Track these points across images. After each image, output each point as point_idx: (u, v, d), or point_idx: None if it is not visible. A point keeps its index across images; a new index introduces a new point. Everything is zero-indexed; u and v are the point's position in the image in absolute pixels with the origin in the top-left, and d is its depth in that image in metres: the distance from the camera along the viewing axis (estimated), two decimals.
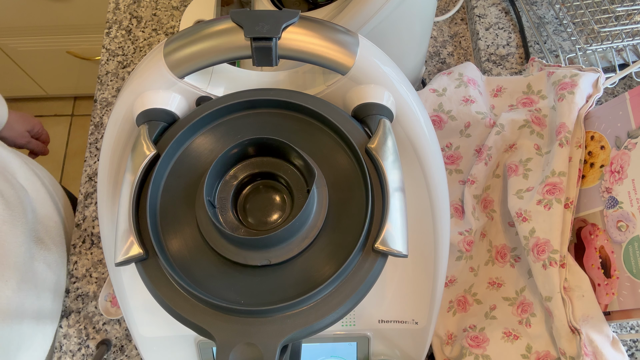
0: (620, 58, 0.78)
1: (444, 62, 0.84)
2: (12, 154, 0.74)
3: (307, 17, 0.40)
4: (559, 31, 0.82)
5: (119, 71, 0.86)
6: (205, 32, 0.40)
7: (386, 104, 0.41)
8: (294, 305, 0.33)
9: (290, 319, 0.34)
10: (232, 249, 0.35)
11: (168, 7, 0.92)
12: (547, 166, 0.60)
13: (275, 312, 0.34)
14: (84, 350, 0.69)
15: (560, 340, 0.55)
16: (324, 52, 0.40)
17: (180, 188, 0.38)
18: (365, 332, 0.52)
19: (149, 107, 0.40)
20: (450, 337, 0.62)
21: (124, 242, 0.35)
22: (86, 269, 0.73)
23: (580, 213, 0.59)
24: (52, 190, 0.79)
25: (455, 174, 0.69)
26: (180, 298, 0.35)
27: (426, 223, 0.47)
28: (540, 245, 0.56)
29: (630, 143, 0.54)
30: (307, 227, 0.36)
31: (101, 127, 0.83)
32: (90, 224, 0.76)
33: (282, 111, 0.41)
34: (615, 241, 0.54)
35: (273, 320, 0.34)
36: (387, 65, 0.43)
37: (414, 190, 0.46)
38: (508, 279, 0.63)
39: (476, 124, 0.66)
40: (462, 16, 0.88)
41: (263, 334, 0.33)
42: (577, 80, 0.62)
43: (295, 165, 0.38)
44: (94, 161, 0.80)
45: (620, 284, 0.52)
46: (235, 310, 0.33)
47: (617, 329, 0.64)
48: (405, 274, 0.51)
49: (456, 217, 0.65)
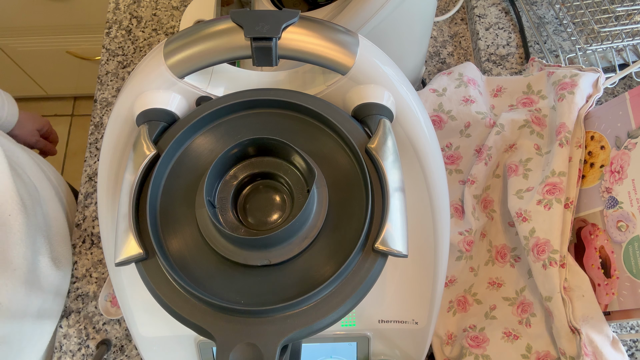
0: (620, 58, 0.78)
1: (444, 62, 0.84)
2: (22, 150, 0.74)
3: (307, 17, 0.40)
4: (559, 31, 0.82)
5: (119, 71, 0.86)
6: (205, 32, 0.40)
7: (386, 104, 0.41)
8: (294, 305, 0.33)
9: (290, 319, 0.34)
10: (232, 249, 0.35)
11: (168, 7, 0.92)
12: (547, 166, 0.60)
13: (276, 312, 0.33)
14: (84, 350, 0.69)
15: (560, 340, 0.55)
16: (324, 52, 0.40)
17: (180, 188, 0.38)
18: (365, 332, 0.52)
19: (149, 107, 0.40)
20: (450, 337, 0.62)
21: (124, 242, 0.35)
22: (86, 269, 0.73)
23: (580, 213, 0.59)
24: (58, 186, 0.79)
25: (455, 174, 0.69)
26: (180, 298, 0.35)
27: (426, 223, 0.47)
28: (540, 245, 0.56)
29: (630, 143, 0.54)
30: (307, 227, 0.36)
31: (101, 127, 0.83)
32: (90, 224, 0.76)
33: (282, 111, 0.41)
34: (615, 241, 0.54)
35: (273, 320, 0.33)
36: (387, 65, 0.43)
37: (414, 190, 0.46)
38: (508, 279, 0.63)
39: (476, 124, 0.66)
40: (462, 16, 0.88)
41: (263, 334, 0.33)
42: (577, 80, 0.62)
43: (295, 165, 0.38)
44: (94, 161, 0.80)
45: (620, 284, 0.52)
46: (235, 310, 0.33)
47: (617, 329, 0.64)
48: (405, 274, 0.51)
49: (456, 217, 0.65)
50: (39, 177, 0.73)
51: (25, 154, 0.74)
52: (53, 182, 0.78)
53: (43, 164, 0.80)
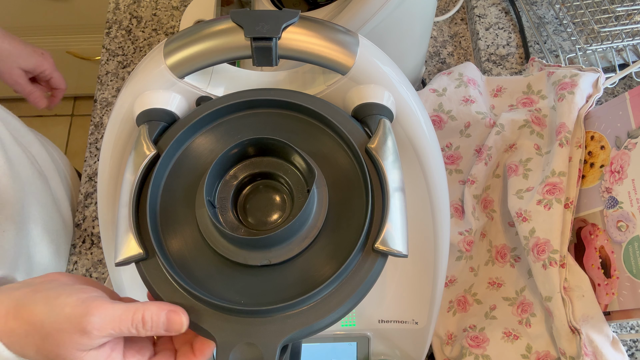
0: (620, 58, 0.78)
1: (444, 62, 0.84)
2: (33, 134, 0.71)
3: (307, 17, 0.40)
4: (559, 31, 0.82)
5: (119, 71, 0.86)
6: (205, 32, 0.40)
7: (386, 104, 0.41)
8: (294, 305, 0.33)
9: (290, 318, 0.33)
10: (232, 249, 0.35)
11: (168, 7, 0.92)
12: (547, 166, 0.60)
13: (276, 312, 0.33)
14: None
15: (560, 340, 0.55)
16: (324, 52, 0.40)
17: (180, 188, 0.38)
18: (365, 332, 0.53)
19: (149, 107, 0.40)
20: (450, 337, 0.62)
21: (124, 242, 0.35)
22: (86, 269, 0.73)
23: (580, 213, 0.59)
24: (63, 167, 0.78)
25: (455, 174, 0.69)
26: (180, 298, 0.35)
27: (426, 223, 0.47)
28: (540, 245, 0.56)
29: (630, 143, 0.54)
30: (307, 227, 0.36)
31: (101, 127, 0.83)
32: (90, 224, 0.76)
33: (282, 111, 0.41)
34: (615, 241, 0.54)
35: (273, 320, 0.33)
36: (387, 65, 0.43)
37: (414, 190, 0.46)
38: (508, 279, 0.63)
39: (476, 124, 0.66)
40: (462, 16, 0.88)
41: (263, 333, 0.33)
42: (577, 80, 0.62)
43: (295, 165, 0.38)
44: (94, 161, 0.80)
45: (620, 284, 0.52)
46: (235, 310, 0.33)
47: (617, 329, 0.64)
48: (405, 274, 0.51)
49: (456, 217, 0.65)
50: (50, 169, 0.72)
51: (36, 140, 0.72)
52: (57, 162, 0.77)
53: (51, 147, 0.78)
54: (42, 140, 0.76)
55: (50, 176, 0.72)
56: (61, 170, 0.77)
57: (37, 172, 0.68)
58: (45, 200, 0.68)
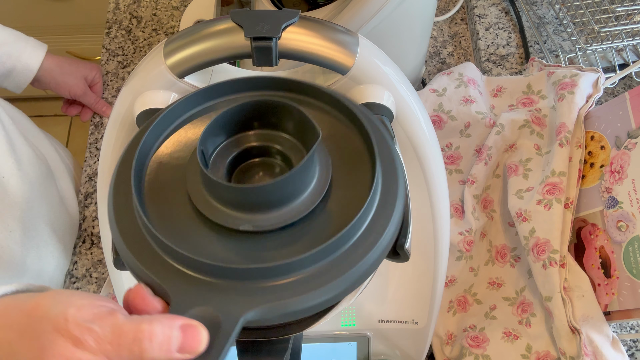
0: (620, 58, 0.78)
1: (444, 62, 0.84)
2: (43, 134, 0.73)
3: (307, 17, 0.40)
4: (559, 31, 0.82)
5: (119, 71, 0.86)
6: (205, 32, 0.40)
7: (386, 104, 0.41)
8: (268, 271, 0.29)
9: (261, 290, 0.29)
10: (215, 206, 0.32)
11: (168, 7, 0.92)
12: (547, 166, 0.60)
13: (245, 277, 0.29)
14: None
15: (560, 340, 0.55)
16: (324, 52, 0.40)
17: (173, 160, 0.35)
18: (365, 332, 0.53)
19: (149, 106, 0.40)
20: (450, 337, 0.62)
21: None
22: (86, 269, 0.73)
23: (580, 213, 0.59)
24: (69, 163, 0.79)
25: (455, 174, 0.69)
26: (138, 239, 0.30)
27: (426, 223, 0.47)
28: (540, 245, 0.56)
29: (630, 143, 0.54)
30: (303, 198, 0.32)
31: (101, 127, 0.83)
32: (90, 224, 0.76)
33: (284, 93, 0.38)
34: (615, 241, 0.54)
35: (242, 289, 0.29)
36: (387, 65, 0.43)
37: (414, 190, 0.46)
38: (508, 279, 0.63)
39: (476, 124, 0.66)
40: (462, 16, 0.88)
41: (226, 301, 0.28)
42: (577, 80, 0.62)
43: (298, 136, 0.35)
44: (94, 161, 0.80)
45: (620, 284, 0.52)
46: (197, 265, 0.29)
47: (617, 329, 0.64)
48: (405, 274, 0.51)
49: (456, 217, 0.65)
50: (60, 170, 0.73)
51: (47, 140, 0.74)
52: (65, 160, 0.78)
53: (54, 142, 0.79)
54: (50, 140, 0.78)
55: (59, 175, 0.73)
56: (69, 168, 0.78)
57: (46, 171, 0.69)
58: (53, 200, 0.69)
